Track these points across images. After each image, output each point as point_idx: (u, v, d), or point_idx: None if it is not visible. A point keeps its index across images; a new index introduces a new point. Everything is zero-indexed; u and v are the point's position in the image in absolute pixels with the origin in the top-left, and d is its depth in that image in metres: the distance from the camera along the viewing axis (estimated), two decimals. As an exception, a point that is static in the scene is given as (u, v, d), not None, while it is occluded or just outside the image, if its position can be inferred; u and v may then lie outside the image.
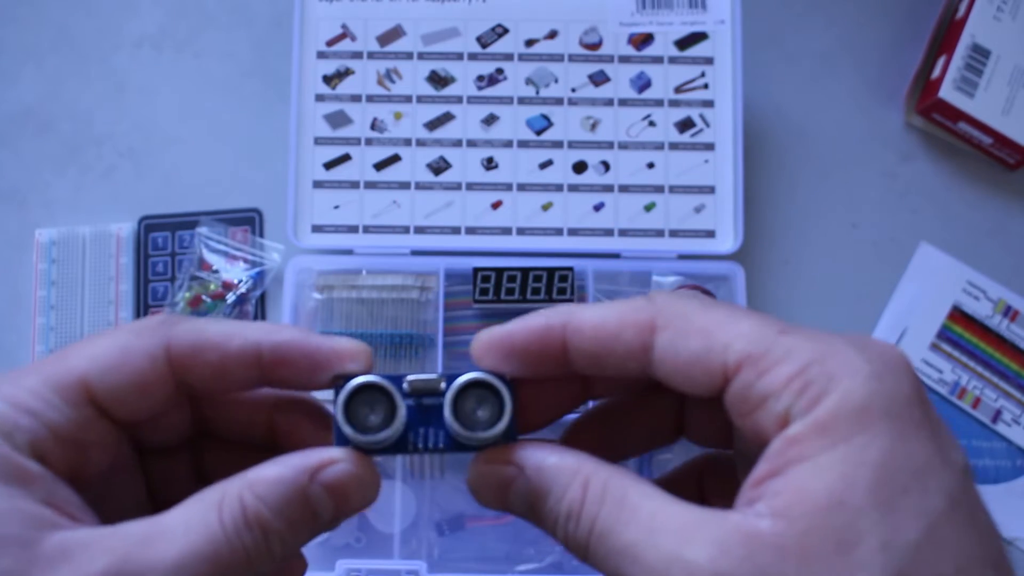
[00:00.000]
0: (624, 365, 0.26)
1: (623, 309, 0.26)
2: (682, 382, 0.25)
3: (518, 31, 0.62)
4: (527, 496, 0.25)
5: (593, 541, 0.24)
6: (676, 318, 0.25)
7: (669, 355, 0.25)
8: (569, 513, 0.24)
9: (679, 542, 0.22)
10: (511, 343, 0.27)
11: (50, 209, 0.63)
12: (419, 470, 0.58)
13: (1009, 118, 0.61)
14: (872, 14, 0.66)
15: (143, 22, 0.66)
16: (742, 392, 0.24)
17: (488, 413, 0.27)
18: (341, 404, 0.25)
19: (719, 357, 0.24)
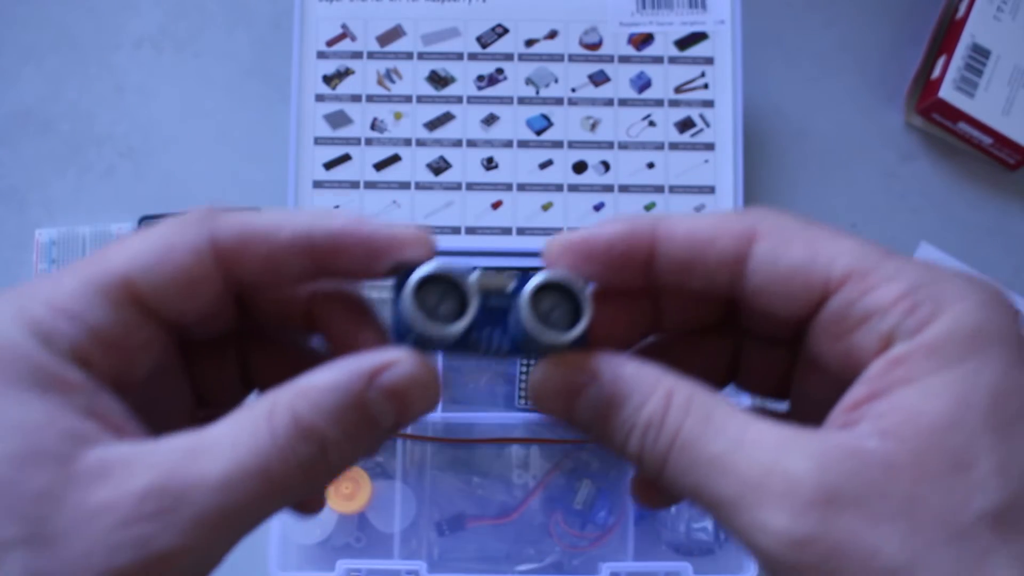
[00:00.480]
0: (713, 276, 0.24)
1: (719, 218, 0.25)
2: (774, 297, 0.24)
3: (518, 31, 0.62)
4: (598, 405, 0.24)
5: (675, 452, 0.22)
6: (777, 228, 0.24)
7: (767, 264, 0.24)
8: (649, 423, 0.23)
9: (776, 454, 0.21)
10: (592, 245, 0.25)
11: (50, 209, 0.63)
12: (417, 467, 0.59)
13: (1009, 118, 0.61)
14: (872, 14, 0.66)
15: (143, 22, 0.66)
16: (842, 309, 0.23)
17: (562, 317, 0.25)
18: (411, 292, 0.23)
19: (822, 270, 0.23)
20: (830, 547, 0.20)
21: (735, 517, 0.21)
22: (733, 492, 0.21)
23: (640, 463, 0.23)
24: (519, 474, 0.59)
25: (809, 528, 0.20)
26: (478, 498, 0.58)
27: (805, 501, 0.20)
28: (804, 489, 0.20)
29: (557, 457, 0.59)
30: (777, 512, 0.21)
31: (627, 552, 0.57)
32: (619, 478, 0.58)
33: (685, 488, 0.22)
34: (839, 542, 0.20)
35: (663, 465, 0.23)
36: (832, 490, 0.20)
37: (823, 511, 0.20)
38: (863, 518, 0.20)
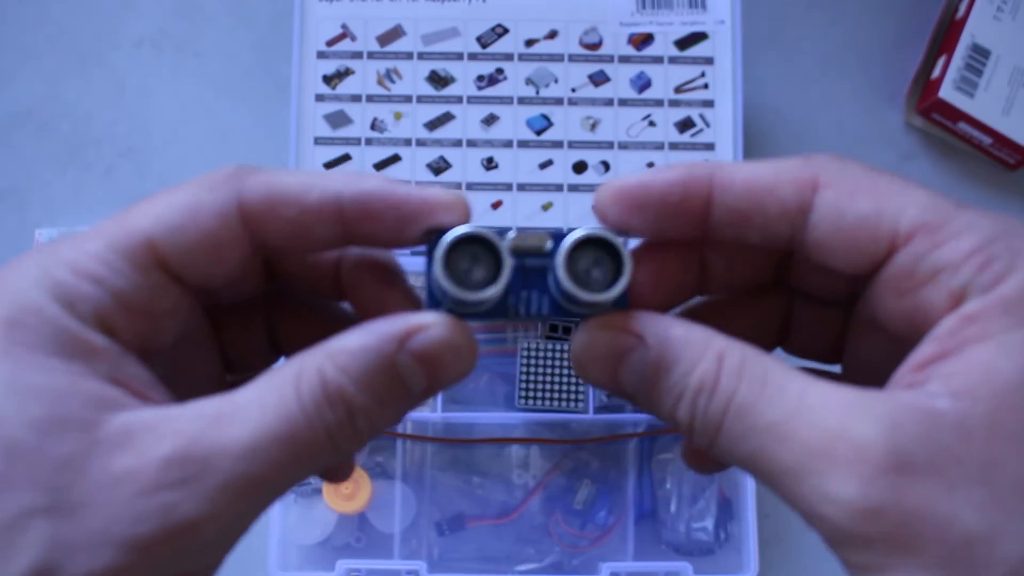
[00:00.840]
0: (773, 228, 0.23)
1: (779, 165, 0.23)
2: (837, 251, 0.22)
3: (518, 31, 0.62)
4: (645, 369, 0.22)
5: (729, 419, 0.21)
6: (842, 177, 0.22)
7: (831, 215, 0.22)
8: (701, 387, 0.21)
9: (841, 418, 0.20)
10: (647, 192, 0.23)
11: (50, 209, 0.63)
12: (416, 465, 0.59)
13: (1009, 118, 0.61)
14: (873, 14, 0.66)
15: (143, 22, 0.66)
16: (910, 264, 0.21)
17: (602, 276, 0.23)
18: (441, 256, 0.22)
19: (890, 222, 0.22)
20: (903, 516, 0.19)
21: (796, 487, 0.20)
22: (794, 460, 0.20)
23: (691, 431, 0.22)
24: (519, 474, 0.59)
25: (880, 496, 0.19)
26: (478, 498, 0.59)
27: (875, 467, 0.19)
28: (873, 455, 0.19)
29: (557, 457, 0.59)
30: (844, 480, 0.19)
31: (627, 552, 0.57)
32: (619, 478, 0.58)
33: (740, 457, 0.21)
34: (912, 510, 0.19)
35: (716, 433, 0.21)
36: (903, 455, 0.19)
37: (894, 478, 0.19)
38: (937, 484, 0.19)
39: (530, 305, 0.24)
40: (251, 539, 0.22)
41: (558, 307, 0.24)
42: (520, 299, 0.24)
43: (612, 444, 0.58)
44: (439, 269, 0.22)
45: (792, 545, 0.59)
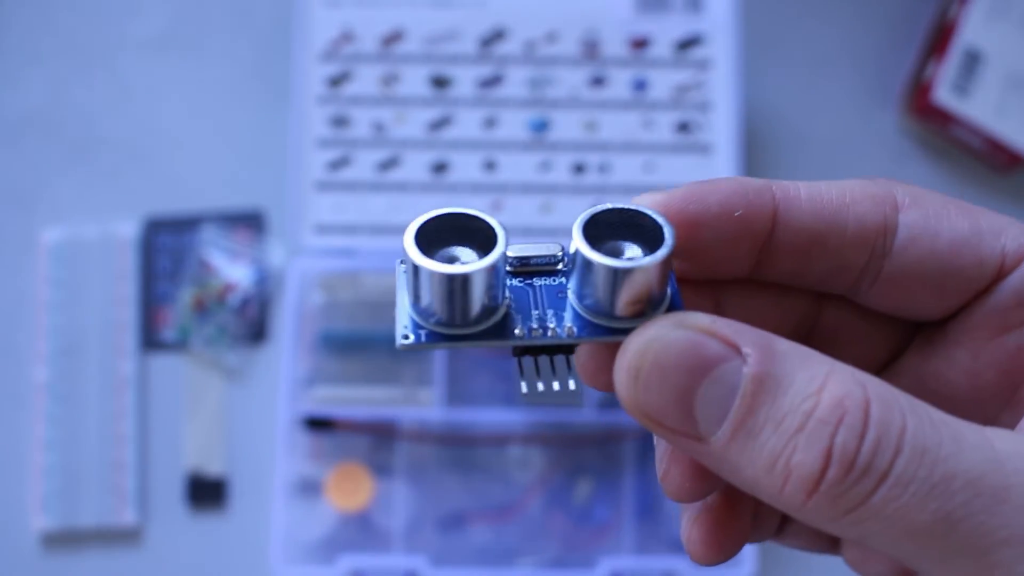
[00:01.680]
0: (847, 256, 0.19)
1: (843, 183, 0.19)
2: (930, 279, 0.19)
3: (517, 34, 0.63)
4: (739, 388, 0.16)
5: (905, 462, 0.15)
6: (924, 196, 0.19)
7: (925, 235, 0.19)
8: (841, 416, 0.15)
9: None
10: (703, 207, 0.19)
11: (55, 210, 0.64)
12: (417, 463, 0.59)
13: (1002, 121, 0.62)
14: (869, 17, 0.67)
15: (147, 25, 0.66)
16: (1022, 289, 0.19)
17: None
18: (413, 237, 0.19)
19: (992, 243, 0.19)
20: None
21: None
22: (1022, 524, 0.15)
23: (813, 487, 0.16)
24: (519, 472, 0.59)
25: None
26: (478, 495, 0.59)
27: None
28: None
29: (556, 454, 0.59)
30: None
31: (626, 548, 0.58)
32: (618, 475, 0.59)
33: (916, 523, 0.15)
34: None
35: (874, 487, 0.15)
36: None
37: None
38: None
39: (545, 323, 0.19)
40: (252, 535, 0.22)
41: (587, 323, 0.19)
42: (529, 318, 0.19)
43: (611, 441, 0.59)
44: (412, 248, 0.18)
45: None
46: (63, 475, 0.59)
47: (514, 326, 0.19)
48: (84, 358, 0.61)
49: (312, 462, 0.58)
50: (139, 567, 0.60)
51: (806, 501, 0.16)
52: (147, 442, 0.61)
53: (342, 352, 0.59)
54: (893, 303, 0.20)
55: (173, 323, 0.62)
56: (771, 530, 0.23)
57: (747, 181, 0.19)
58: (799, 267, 0.19)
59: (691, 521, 0.21)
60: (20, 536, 0.60)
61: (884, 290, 0.19)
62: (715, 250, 0.19)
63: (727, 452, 0.16)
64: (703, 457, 0.17)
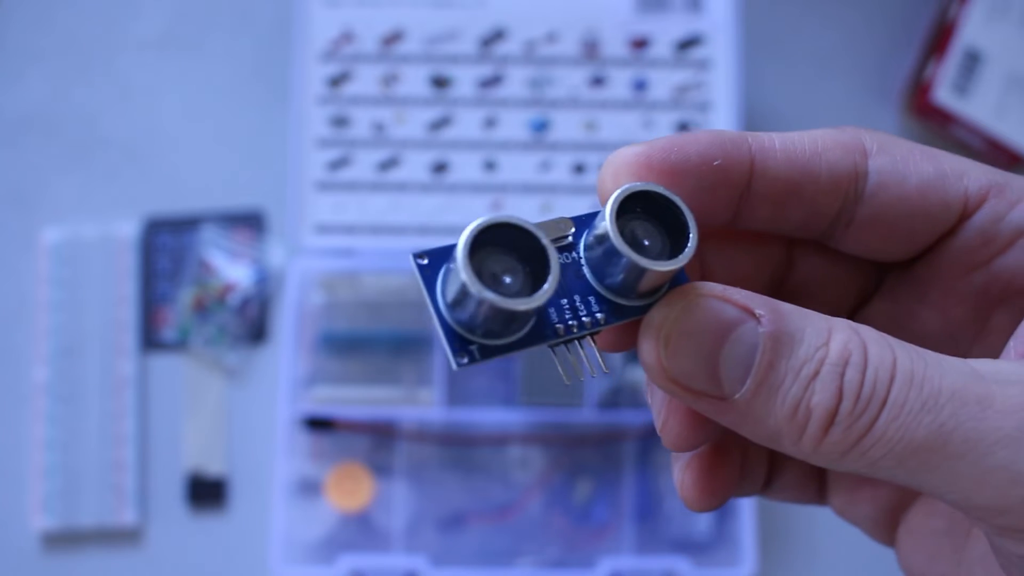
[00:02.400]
0: (821, 201, 0.20)
1: (814, 132, 0.20)
2: (900, 221, 0.20)
3: (517, 34, 0.63)
4: (756, 349, 0.18)
5: (899, 389, 0.17)
6: (890, 143, 0.20)
7: (893, 180, 0.20)
8: (846, 358, 0.17)
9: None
10: (683, 156, 0.19)
11: (55, 210, 0.64)
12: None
13: (1002, 121, 0.62)
14: (868, 16, 0.67)
15: (147, 25, 0.66)
16: (988, 227, 0.20)
17: (656, 245, 0.19)
18: (466, 254, 0.18)
19: (957, 184, 0.20)
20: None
21: (1020, 455, 0.16)
22: (1015, 424, 0.16)
23: (829, 423, 0.17)
24: (519, 472, 0.59)
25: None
26: (478, 495, 0.59)
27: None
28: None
29: (556, 454, 0.59)
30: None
31: (626, 548, 0.58)
32: (618, 474, 0.59)
33: (914, 441, 0.17)
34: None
35: (878, 411, 0.17)
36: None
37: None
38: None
39: (578, 312, 0.19)
40: (253, 535, 0.22)
41: (612, 306, 0.19)
42: (562, 309, 0.19)
43: (611, 441, 0.59)
44: (466, 271, 0.17)
45: (792, 543, 0.60)
46: (63, 475, 0.59)
47: (552, 322, 0.19)
48: (84, 358, 0.61)
49: (312, 462, 0.58)
50: (139, 567, 0.60)
51: (823, 438, 0.17)
52: (147, 442, 0.61)
53: (342, 352, 0.59)
54: (865, 246, 0.21)
55: (173, 323, 0.62)
56: (758, 484, 0.24)
57: (724, 132, 0.20)
58: (776, 214, 0.20)
59: (683, 467, 0.22)
60: (20, 536, 0.60)
61: (857, 234, 0.20)
62: (696, 199, 0.19)
63: (751, 407, 0.18)
64: (724, 415, 0.19)
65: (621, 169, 0.20)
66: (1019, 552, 0.18)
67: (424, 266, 0.19)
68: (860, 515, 0.24)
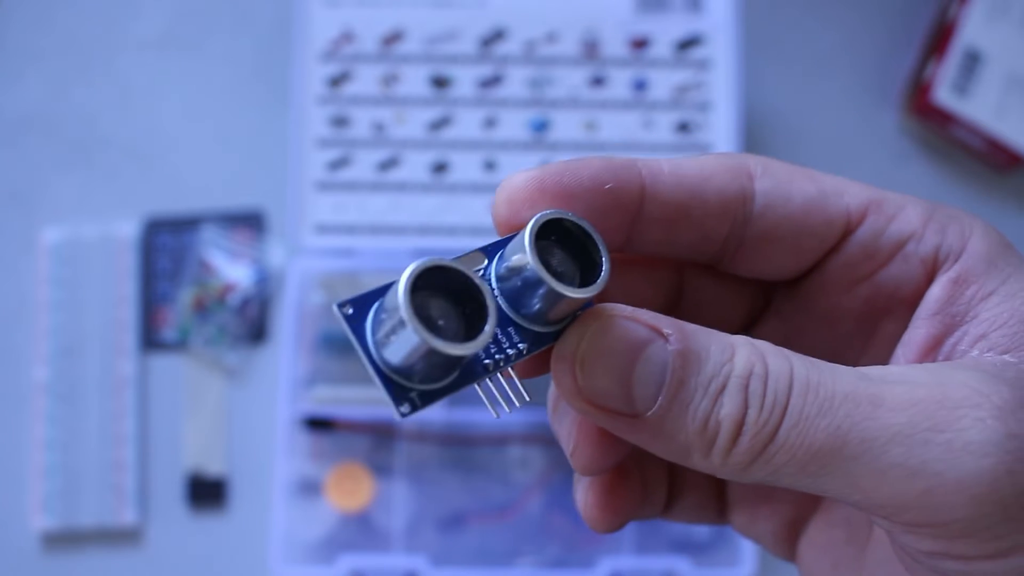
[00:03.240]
0: (711, 224, 0.20)
1: (701, 157, 0.21)
2: (786, 240, 0.20)
3: (517, 34, 0.63)
4: (669, 364, 0.18)
5: (796, 397, 0.18)
6: (772, 165, 0.21)
7: (779, 200, 0.20)
8: (750, 371, 0.18)
9: (934, 375, 0.18)
10: (576, 179, 0.20)
11: (56, 210, 0.64)
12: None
13: (1001, 121, 0.62)
14: (868, 16, 0.67)
15: (147, 25, 0.66)
16: (870, 241, 0.20)
17: (568, 269, 0.19)
18: (408, 302, 0.17)
19: (837, 202, 0.20)
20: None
21: (913, 451, 0.17)
22: (905, 421, 0.17)
23: (737, 434, 0.18)
24: (519, 472, 0.59)
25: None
26: (478, 495, 0.59)
27: (1012, 404, 0.17)
28: (1000, 397, 0.17)
29: (556, 454, 0.59)
30: (987, 423, 0.17)
31: (626, 548, 0.58)
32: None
33: (813, 443, 0.17)
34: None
35: (779, 419, 0.18)
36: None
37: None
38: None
39: (502, 346, 0.19)
40: (253, 535, 0.22)
41: (530, 335, 0.19)
42: (488, 346, 0.19)
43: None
44: (411, 321, 0.17)
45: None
46: (63, 475, 0.59)
47: (482, 359, 0.19)
48: (84, 358, 0.61)
49: (312, 462, 0.58)
50: (139, 567, 0.60)
51: (731, 449, 0.18)
52: (147, 442, 0.61)
53: (342, 352, 0.59)
54: (755, 266, 0.21)
55: (173, 323, 0.62)
56: (659, 506, 0.25)
57: (614, 159, 0.20)
58: (668, 237, 0.21)
59: (585, 489, 0.23)
60: (20, 536, 0.60)
61: (746, 254, 0.21)
62: (590, 223, 0.20)
63: (663, 423, 0.19)
64: (636, 433, 0.19)
65: (515, 195, 0.20)
66: (922, 548, 0.18)
67: (350, 316, 0.18)
68: (761, 531, 0.25)
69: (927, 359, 0.20)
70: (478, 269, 0.19)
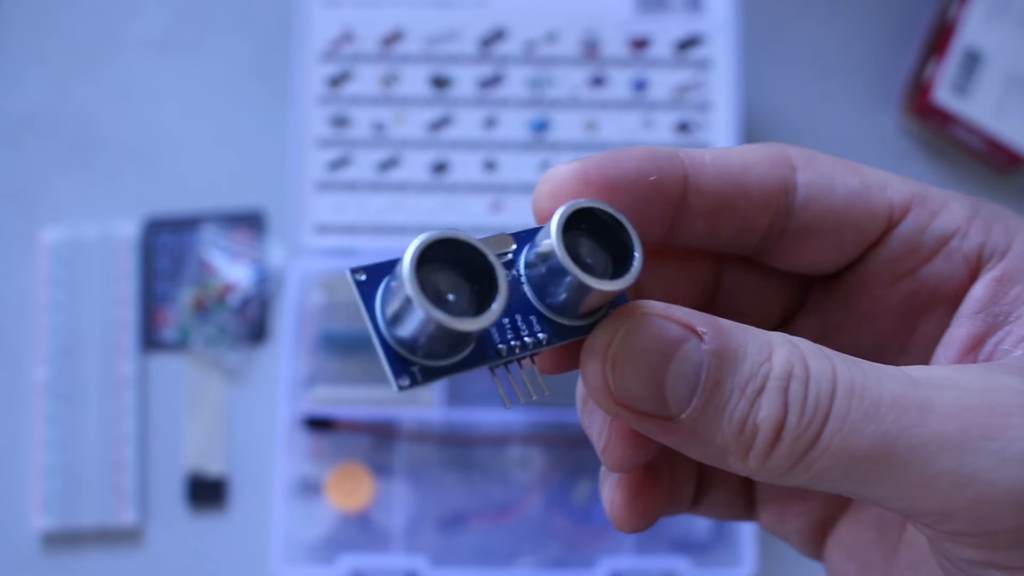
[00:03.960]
0: (754, 216, 0.20)
1: (742, 148, 0.20)
2: (829, 233, 0.20)
3: (517, 34, 0.63)
4: (704, 364, 0.18)
5: (840, 400, 0.17)
6: (815, 158, 0.20)
7: (821, 192, 0.20)
8: (789, 372, 0.17)
9: (983, 379, 0.17)
10: (619, 171, 0.19)
11: (56, 210, 0.64)
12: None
13: (1002, 121, 0.62)
14: (869, 17, 0.67)
15: (147, 25, 0.66)
16: (913, 236, 0.20)
17: (600, 263, 0.18)
18: (412, 271, 0.17)
19: (881, 196, 0.20)
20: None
21: (964, 459, 0.16)
22: (955, 428, 0.16)
23: (776, 438, 0.17)
24: (519, 472, 0.59)
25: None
26: (478, 495, 0.59)
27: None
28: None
29: (556, 454, 0.59)
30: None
31: (626, 548, 0.58)
32: (617, 476, 0.59)
33: (860, 448, 0.17)
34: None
35: (822, 424, 0.17)
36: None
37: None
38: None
39: (520, 333, 0.18)
40: (253, 535, 0.22)
41: (554, 326, 0.19)
42: (504, 329, 0.18)
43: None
44: (414, 290, 0.16)
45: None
46: (63, 475, 0.59)
47: (495, 343, 0.18)
48: (84, 358, 0.61)
49: (312, 462, 0.58)
50: (139, 567, 0.60)
51: (770, 453, 0.17)
52: (147, 442, 0.61)
53: (342, 352, 0.59)
54: (795, 259, 0.21)
55: (173, 323, 0.62)
56: (687, 502, 0.24)
57: (657, 149, 0.20)
58: (710, 229, 0.20)
59: (613, 487, 0.22)
60: (20, 536, 0.60)
61: (786, 247, 0.20)
62: (632, 214, 0.19)
63: (698, 425, 0.18)
64: (669, 435, 0.18)
65: (558, 186, 0.19)
66: (967, 557, 0.18)
67: (362, 282, 0.18)
68: (789, 530, 0.24)
69: (968, 358, 0.19)
70: (505, 252, 0.19)
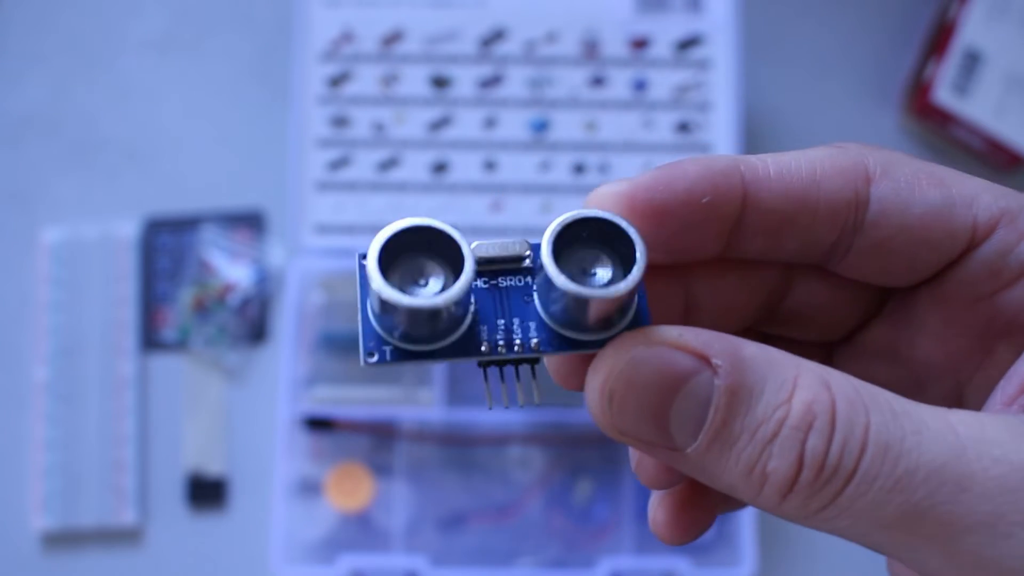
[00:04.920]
0: (818, 233, 0.18)
1: (812, 154, 0.18)
2: (902, 251, 0.18)
3: (517, 34, 0.63)
4: (708, 404, 0.16)
5: (870, 461, 0.15)
6: (895, 165, 0.18)
7: (896, 209, 0.18)
8: (811, 419, 0.16)
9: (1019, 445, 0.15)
10: (670, 194, 0.18)
11: (56, 210, 0.64)
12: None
13: (1002, 121, 0.62)
14: (869, 17, 0.67)
15: (147, 25, 0.66)
16: (995, 259, 0.18)
17: (609, 275, 0.18)
18: (375, 256, 0.18)
19: (964, 212, 0.18)
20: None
21: (998, 543, 0.15)
22: (991, 509, 0.15)
23: (786, 490, 0.16)
24: (519, 472, 0.59)
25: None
26: (478, 495, 0.59)
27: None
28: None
29: (556, 454, 0.59)
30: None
31: (626, 548, 0.58)
32: (618, 475, 0.59)
33: (883, 517, 0.15)
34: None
35: (841, 487, 0.16)
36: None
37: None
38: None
39: (511, 334, 0.18)
40: (253, 535, 0.22)
41: (553, 335, 0.18)
42: (495, 328, 0.18)
43: (611, 441, 0.59)
44: (373, 268, 0.17)
45: (792, 543, 0.60)
46: (63, 475, 0.59)
47: (480, 339, 0.18)
48: (84, 358, 0.61)
49: (312, 462, 0.58)
50: (139, 567, 0.60)
51: (781, 503, 0.16)
52: (147, 442, 0.61)
53: (342, 352, 0.59)
54: (864, 272, 0.20)
55: (173, 323, 0.62)
56: (737, 504, 0.23)
57: (714, 162, 0.18)
58: (769, 245, 0.19)
59: (657, 503, 0.21)
60: (20, 536, 0.60)
61: (855, 261, 0.19)
62: (683, 237, 0.18)
63: (703, 461, 0.17)
64: (679, 464, 0.17)
65: (608, 206, 0.18)
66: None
67: (366, 267, 0.19)
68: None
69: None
70: (521, 258, 0.18)
